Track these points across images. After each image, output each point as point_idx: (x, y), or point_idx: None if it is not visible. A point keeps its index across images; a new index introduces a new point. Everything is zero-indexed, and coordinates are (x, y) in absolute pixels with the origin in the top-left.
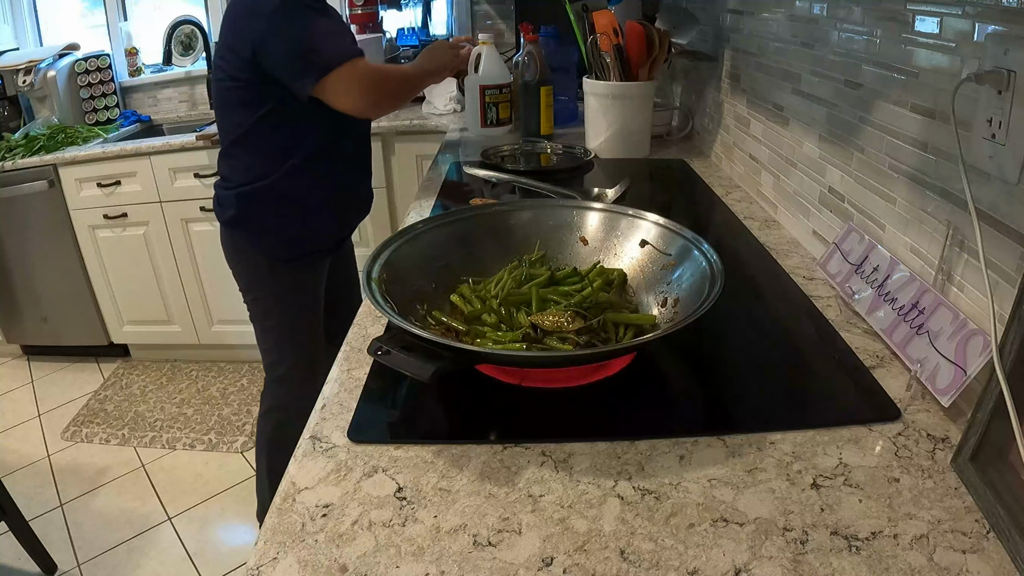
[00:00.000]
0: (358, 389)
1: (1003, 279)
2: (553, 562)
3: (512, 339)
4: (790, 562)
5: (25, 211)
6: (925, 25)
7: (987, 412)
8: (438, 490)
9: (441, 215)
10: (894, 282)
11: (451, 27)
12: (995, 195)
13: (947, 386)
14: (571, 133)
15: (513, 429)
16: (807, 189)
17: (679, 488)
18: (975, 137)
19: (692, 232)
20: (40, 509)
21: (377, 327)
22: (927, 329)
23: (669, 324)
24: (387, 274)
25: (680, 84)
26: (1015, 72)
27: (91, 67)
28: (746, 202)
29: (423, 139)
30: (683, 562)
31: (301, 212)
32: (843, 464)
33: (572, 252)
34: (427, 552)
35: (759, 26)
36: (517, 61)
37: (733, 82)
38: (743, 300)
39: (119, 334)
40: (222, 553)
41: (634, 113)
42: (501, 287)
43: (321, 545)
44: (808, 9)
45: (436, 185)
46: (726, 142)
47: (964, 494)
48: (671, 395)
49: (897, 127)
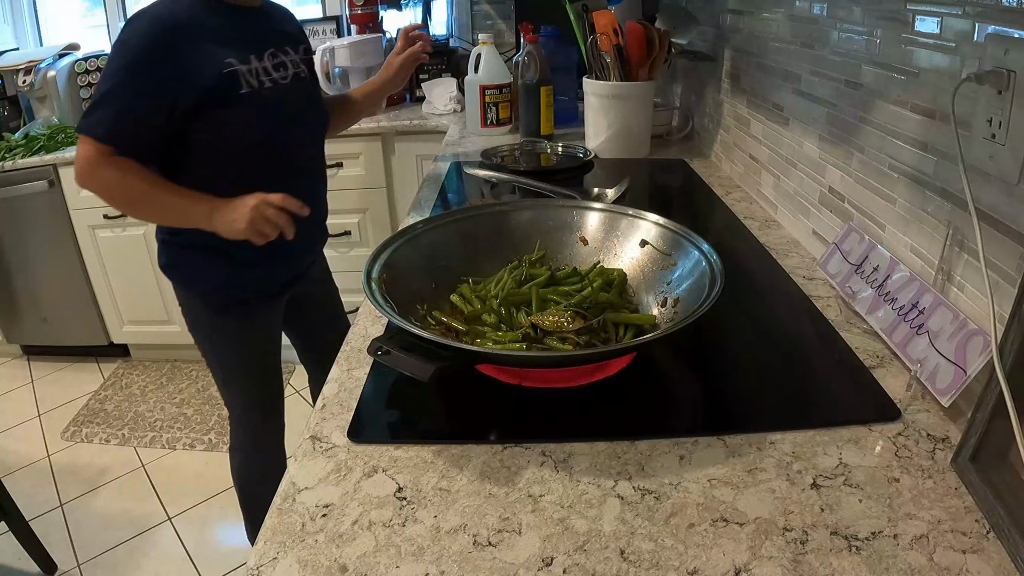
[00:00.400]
0: (358, 389)
1: (1003, 279)
2: (553, 562)
3: (512, 339)
4: (790, 562)
5: (25, 211)
6: (925, 25)
7: (987, 412)
8: (438, 490)
9: (441, 215)
10: (894, 282)
11: (451, 27)
12: (995, 195)
13: (947, 386)
14: (571, 133)
15: (513, 429)
16: (807, 189)
17: (679, 488)
18: (975, 137)
19: (692, 232)
20: (40, 509)
21: (377, 327)
22: (927, 329)
23: (669, 324)
24: (387, 274)
25: (680, 84)
26: (1015, 72)
27: (91, 67)
28: (746, 202)
29: (423, 139)
30: (683, 562)
31: (224, 261)
32: (843, 464)
33: (572, 252)
34: (427, 552)
35: (759, 26)
36: (517, 61)
37: (733, 82)
38: (743, 300)
39: (119, 334)
40: (222, 553)
41: (634, 113)
42: (501, 287)
43: (321, 545)
44: (808, 9)
45: (436, 185)
46: (726, 142)
47: (964, 494)
48: (671, 395)
49: (897, 127)
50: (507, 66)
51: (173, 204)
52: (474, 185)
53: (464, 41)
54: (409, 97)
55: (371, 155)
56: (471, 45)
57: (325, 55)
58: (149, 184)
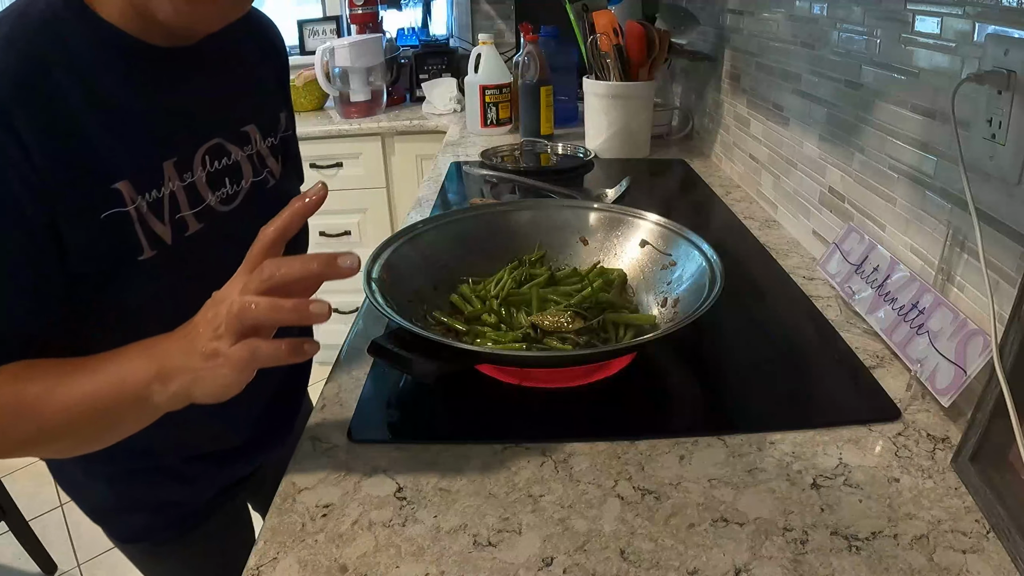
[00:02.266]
0: (358, 389)
1: (1003, 279)
2: (553, 562)
3: (512, 339)
4: (790, 562)
5: None
6: (925, 25)
7: (987, 412)
8: (438, 490)
9: (441, 215)
10: (894, 282)
11: (451, 27)
12: (995, 195)
13: (947, 386)
14: (571, 133)
15: (513, 429)
16: (807, 189)
17: (679, 488)
18: (975, 137)
19: (692, 232)
20: (40, 509)
21: (377, 327)
22: (927, 329)
23: (669, 324)
24: (387, 274)
25: (680, 84)
26: (1015, 72)
27: None
28: (746, 202)
29: (423, 139)
30: (683, 562)
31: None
32: (843, 464)
33: (572, 252)
34: (427, 552)
35: (759, 26)
36: (517, 61)
37: (733, 82)
38: (743, 300)
39: None
40: None
41: (634, 113)
42: (501, 287)
43: (321, 545)
44: (808, 9)
45: (436, 185)
46: (726, 142)
47: (964, 494)
48: (671, 395)
49: (897, 127)
50: (507, 66)
51: (96, 390)
52: (474, 185)
53: (464, 41)
54: (409, 97)
55: (371, 155)
56: (471, 45)
57: (325, 55)
58: (51, 380)
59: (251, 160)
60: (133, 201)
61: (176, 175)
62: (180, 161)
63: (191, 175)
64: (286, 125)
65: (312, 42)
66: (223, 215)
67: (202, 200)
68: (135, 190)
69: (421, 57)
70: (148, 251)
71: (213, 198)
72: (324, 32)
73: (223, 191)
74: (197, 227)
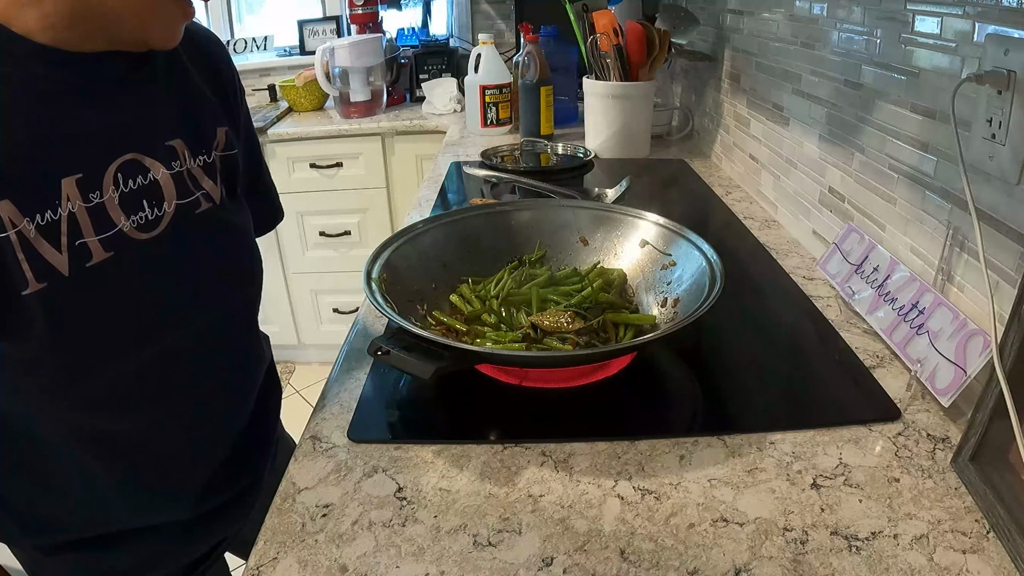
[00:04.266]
0: (358, 389)
1: (1003, 279)
2: (553, 562)
3: (512, 339)
4: (790, 562)
5: None
6: (925, 25)
7: (987, 412)
8: (438, 490)
9: (441, 215)
10: (894, 282)
11: (451, 27)
12: (995, 195)
13: (947, 386)
14: (571, 133)
15: (513, 429)
16: (807, 189)
17: (679, 488)
18: (975, 137)
19: (692, 232)
20: None
21: (377, 327)
22: (927, 329)
23: (669, 324)
24: (387, 274)
25: (680, 84)
26: (1015, 72)
27: None
28: (746, 202)
29: (423, 139)
30: (683, 562)
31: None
32: (843, 464)
33: (572, 252)
34: (427, 552)
35: (759, 26)
36: (517, 61)
37: (733, 82)
38: (743, 300)
39: None
40: None
41: (634, 113)
42: (501, 287)
43: (321, 545)
44: (808, 9)
45: (436, 185)
46: (726, 142)
47: (964, 494)
48: (671, 395)
49: (897, 127)
50: (507, 66)
51: None
52: (474, 185)
53: (464, 41)
54: (409, 97)
55: (371, 155)
56: (471, 45)
57: (325, 55)
58: None
59: (177, 179)
60: (15, 225)
61: (79, 194)
62: (85, 179)
63: (99, 195)
64: (227, 144)
65: (312, 42)
66: (141, 243)
67: (112, 225)
68: (19, 211)
69: (421, 57)
70: (35, 284)
71: (127, 223)
72: (324, 32)
73: (140, 215)
74: (105, 255)
